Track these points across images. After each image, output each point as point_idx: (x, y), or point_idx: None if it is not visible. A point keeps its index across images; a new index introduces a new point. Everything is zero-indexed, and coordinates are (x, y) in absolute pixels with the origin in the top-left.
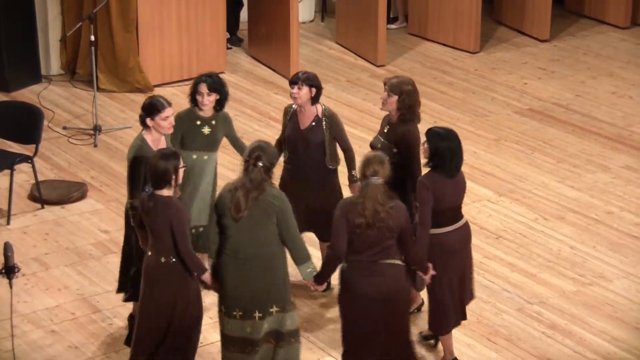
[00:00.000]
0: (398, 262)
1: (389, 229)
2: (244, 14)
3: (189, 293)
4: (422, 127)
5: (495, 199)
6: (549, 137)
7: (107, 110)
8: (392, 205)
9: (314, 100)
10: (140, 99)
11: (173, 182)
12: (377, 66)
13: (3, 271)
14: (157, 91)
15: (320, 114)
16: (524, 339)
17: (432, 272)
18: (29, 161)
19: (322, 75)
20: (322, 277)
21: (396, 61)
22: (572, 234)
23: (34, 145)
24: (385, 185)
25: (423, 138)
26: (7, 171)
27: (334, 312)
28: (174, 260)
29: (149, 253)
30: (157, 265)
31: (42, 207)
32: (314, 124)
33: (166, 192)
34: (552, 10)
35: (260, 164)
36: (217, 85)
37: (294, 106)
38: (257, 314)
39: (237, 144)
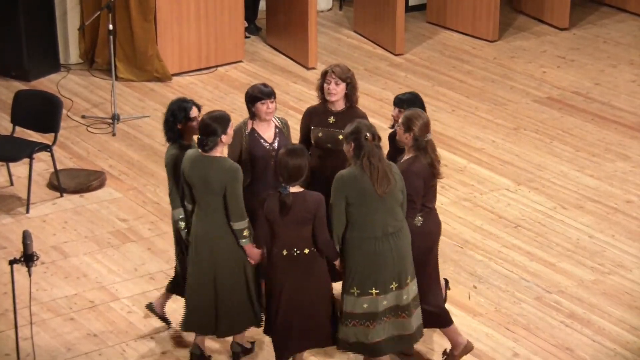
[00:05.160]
0: None
1: None
2: (262, 3)
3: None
4: (441, 115)
5: (514, 188)
6: (568, 126)
7: (126, 99)
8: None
9: None
10: (159, 88)
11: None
12: (396, 55)
13: (22, 259)
14: (176, 80)
15: None
16: (543, 328)
17: None
18: (48, 150)
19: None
20: None
21: (414, 50)
22: (591, 223)
23: (53, 134)
24: None
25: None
26: (26, 160)
27: None
28: (314, 249)
29: (283, 251)
30: (307, 257)
31: (61, 196)
32: None
33: (298, 188)
34: None
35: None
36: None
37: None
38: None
39: None
